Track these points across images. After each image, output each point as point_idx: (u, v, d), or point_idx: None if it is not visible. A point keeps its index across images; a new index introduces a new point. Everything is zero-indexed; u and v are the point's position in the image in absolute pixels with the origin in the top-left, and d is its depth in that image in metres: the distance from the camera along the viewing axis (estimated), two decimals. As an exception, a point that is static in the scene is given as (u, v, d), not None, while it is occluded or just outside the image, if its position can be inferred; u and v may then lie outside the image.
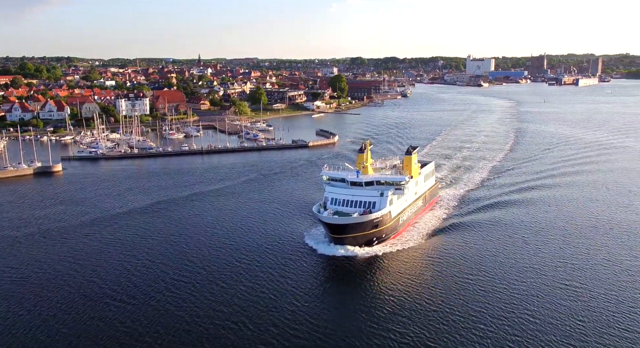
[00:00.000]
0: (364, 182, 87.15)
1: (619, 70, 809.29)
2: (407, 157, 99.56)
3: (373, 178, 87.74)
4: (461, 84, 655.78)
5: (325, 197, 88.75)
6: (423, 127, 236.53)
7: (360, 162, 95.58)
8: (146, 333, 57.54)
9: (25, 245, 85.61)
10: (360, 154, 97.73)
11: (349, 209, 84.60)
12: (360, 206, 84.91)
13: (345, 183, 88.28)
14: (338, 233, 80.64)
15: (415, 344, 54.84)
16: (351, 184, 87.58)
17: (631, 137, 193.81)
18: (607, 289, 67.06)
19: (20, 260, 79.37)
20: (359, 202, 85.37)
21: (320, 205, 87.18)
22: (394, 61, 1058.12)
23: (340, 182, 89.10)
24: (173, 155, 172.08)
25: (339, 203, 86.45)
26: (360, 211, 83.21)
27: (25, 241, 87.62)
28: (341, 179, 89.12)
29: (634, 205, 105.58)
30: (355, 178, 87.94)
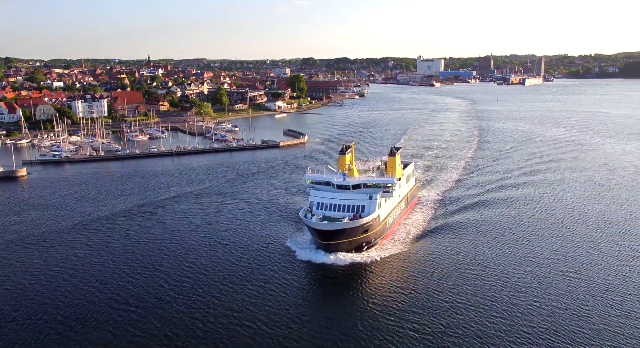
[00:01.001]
0: (351, 185, 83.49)
1: (561, 70, 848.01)
2: (391, 159, 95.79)
3: (360, 181, 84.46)
4: (414, 83, 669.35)
5: (311, 202, 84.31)
6: (387, 126, 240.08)
7: (342, 164, 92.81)
8: (164, 338, 56.16)
9: (9, 253, 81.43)
10: (342, 156, 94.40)
11: (337, 214, 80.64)
12: (348, 210, 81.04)
13: (330, 187, 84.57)
14: (327, 240, 76.42)
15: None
16: (337, 187, 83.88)
17: (589, 134, 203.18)
18: (601, 275, 70.45)
19: (9, 268, 75.44)
20: (347, 206, 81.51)
21: (306, 210, 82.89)
22: (345, 62, 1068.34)
23: (325, 186, 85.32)
24: (142, 157, 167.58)
25: (325, 207, 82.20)
26: (350, 215, 79.34)
27: (8, 248, 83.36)
28: (326, 182, 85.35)
29: (602, 196, 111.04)
30: (341, 181, 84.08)
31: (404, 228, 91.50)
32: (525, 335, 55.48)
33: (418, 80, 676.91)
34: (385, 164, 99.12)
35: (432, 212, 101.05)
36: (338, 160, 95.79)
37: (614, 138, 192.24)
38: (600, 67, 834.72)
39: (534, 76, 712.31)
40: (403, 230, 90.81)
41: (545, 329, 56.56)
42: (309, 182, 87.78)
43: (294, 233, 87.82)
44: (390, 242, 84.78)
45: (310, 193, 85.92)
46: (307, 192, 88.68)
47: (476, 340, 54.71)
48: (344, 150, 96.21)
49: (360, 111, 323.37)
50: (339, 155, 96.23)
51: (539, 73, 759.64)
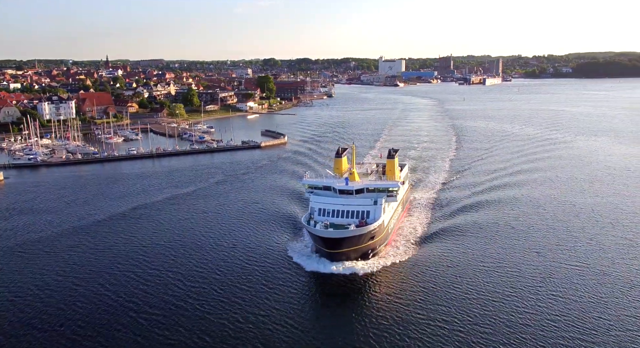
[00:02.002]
0: (355, 190, 79.60)
1: (517, 71, 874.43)
2: (389, 161, 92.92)
3: (363, 186, 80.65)
4: (378, 84, 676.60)
5: (312, 208, 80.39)
6: (363, 126, 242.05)
7: (339, 167, 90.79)
8: (198, 340, 55.40)
9: (7, 260, 78.38)
10: (338, 159, 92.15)
11: (341, 220, 77.01)
12: (353, 216, 77.32)
13: (331, 192, 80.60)
14: (334, 248, 72.47)
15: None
16: (339, 192, 79.91)
17: (559, 132, 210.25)
18: (604, 264, 73.59)
19: (14, 276, 72.72)
20: (352, 211, 77.76)
21: (310, 217, 78.98)
22: (307, 62, 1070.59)
23: (325, 190, 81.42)
24: (122, 160, 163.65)
25: (328, 214, 78.31)
26: (356, 222, 75.66)
27: (5, 256, 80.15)
28: (326, 187, 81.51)
29: (586, 190, 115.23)
30: (344, 186, 80.00)
31: (403, 233, 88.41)
32: (551, 334, 57.17)
33: (382, 81, 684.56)
34: (382, 166, 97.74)
35: (428, 215, 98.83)
36: (334, 163, 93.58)
37: (583, 135, 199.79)
38: (554, 68, 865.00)
39: (493, 76, 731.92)
40: (403, 235, 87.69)
41: (569, 324, 58.44)
42: (307, 187, 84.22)
43: (292, 240, 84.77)
44: (392, 248, 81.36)
45: (310, 198, 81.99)
46: (306, 197, 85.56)
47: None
48: (339, 152, 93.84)
49: (332, 111, 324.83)
50: (334, 158, 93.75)
51: (498, 73, 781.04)
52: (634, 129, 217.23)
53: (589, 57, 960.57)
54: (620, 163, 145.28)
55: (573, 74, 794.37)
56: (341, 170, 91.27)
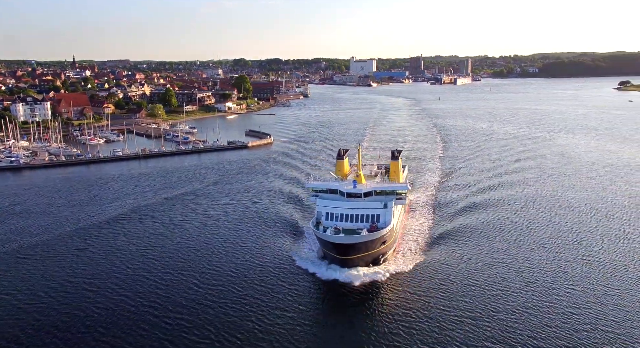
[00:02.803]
0: (363, 193, 77.01)
1: (486, 70, 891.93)
2: (393, 163, 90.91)
3: (372, 188, 78.11)
4: (351, 84, 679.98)
5: (319, 212, 77.11)
6: (345, 125, 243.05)
7: (341, 169, 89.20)
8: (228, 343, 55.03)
9: (12, 265, 76.18)
10: (340, 161, 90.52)
11: (351, 224, 74.16)
12: (363, 220, 74.53)
13: (338, 195, 77.95)
14: (346, 254, 69.51)
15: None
16: (347, 196, 77.21)
17: (539, 130, 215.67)
18: (607, 255, 76.34)
19: (24, 282, 70.71)
20: (361, 215, 74.87)
21: (315, 221, 75.85)
22: (278, 62, 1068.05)
23: (332, 194, 78.66)
24: (108, 161, 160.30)
25: (336, 218, 75.28)
26: (367, 226, 72.92)
27: (9, 261, 77.84)
28: (333, 190, 78.76)
29: (576, 186, 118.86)
30: (351, 189, 77.40)
31: (408, 237, 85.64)
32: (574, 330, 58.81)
33: (355, 81, 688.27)
34: (385, 168, 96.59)
35: (428, 216, 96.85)
36: (336, 165, 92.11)
37: (561, 133, 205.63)
38: (521, 68, 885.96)
39: (464, 76, 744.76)
40: (408, 238, 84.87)
41: (590, 313, 60.46)
42: (312, 191, 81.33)
43: (296, 244, 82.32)
44: (402, 252, 78.62)
45: (317, 202, 78.84)
46: (311, 201, 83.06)
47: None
48: (341, 154, 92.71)
49: (310, 111, 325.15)
50: (336, 160, 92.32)
51: (467, 73, 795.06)
52: (607, 126, 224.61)
53: (553, 57, 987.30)
54: (602, 159, 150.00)
55: (539, 74, 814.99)
56: (343, 173, 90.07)
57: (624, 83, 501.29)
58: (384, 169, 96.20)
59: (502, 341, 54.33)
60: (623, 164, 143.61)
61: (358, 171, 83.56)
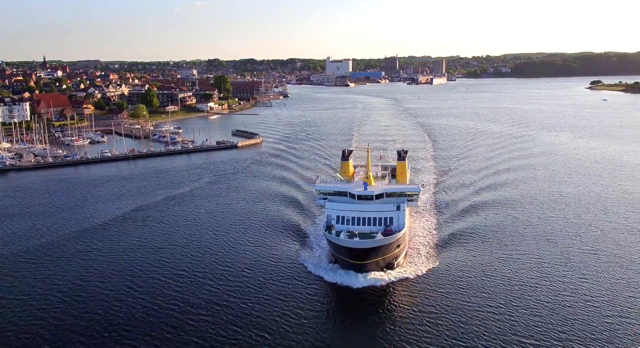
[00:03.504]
0: (375, 195, 74.96)
1: (460, 71, 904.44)
2: (400, 163, 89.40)
3: (383, 190, 75.97)
4: (329, 84, 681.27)
5: (328, 215, 74.88)
6: (331, 125, 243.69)
7: (346, 170, 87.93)
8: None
9: (23, 267, 74.39)
10: (345, 162, 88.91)
11: (363, 228, 71.96)
12: (376, 223, 72.49)
13: (348, 198, 75.75)
14: (361, 259, 66.92)
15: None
16: (358, 198, 75.02)
17: (523, 128, 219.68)
18: (610, 246, 78.80)
19: (35, 284, 69.11)
20: (374, 218, 72.94)
21: (329, 225, 73.39)
22: (252, 63, 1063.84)
23: (341, 196, 76.37)
24: (97, 162, 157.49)
25: (347, 221, 73.08)
26: (381, 229, 70.84)
27: (16, 263, 75.95)
28: (342, 193, 76.56)
29: (567, 181, 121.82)
30: (362, 191, 75.32)
31: (418, 239, 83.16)
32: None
33: (333, 81, 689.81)
34: (391, 168, 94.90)
35: (431, 217, 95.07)
36: (341, 166, 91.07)
37: (545, 131, 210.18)
38: (494, 68, 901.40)
39: (439, 76, 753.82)
40: (416, 240, 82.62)
41: (607, 304, 62.29)
42: (319, 193, 79.01)
43: (303, 248, 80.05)
44: (413, 255, 76.34)
45: (326, 205, 76.52)
46: (319, 204, 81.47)
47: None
48: (345, 155, 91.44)
49: (292, 111, 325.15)
50: (341, 161, 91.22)
51: (443, 73, 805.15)
52: (587, 124, 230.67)
53: (524, 58, 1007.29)
54: (588, 156, 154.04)
55: (512, 74, 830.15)
56: (348, 174, 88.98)
57: (595, 82, 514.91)
58: (389, 170, 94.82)
59: (533, 334, 55.31)
60: (608, 160, 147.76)
61: (367, 172, 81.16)
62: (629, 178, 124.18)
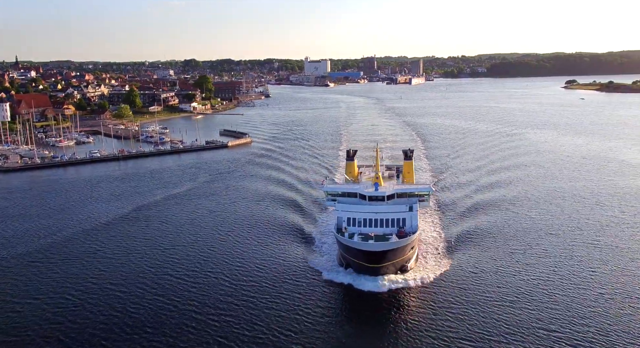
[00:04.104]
0: (386, 196, 73.06)
1: (437, 71, 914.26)
2: (407, 163, 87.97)
3: (394, 191, 74.11)
4: (309, 84, 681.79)
5: (339, 217, 72.86)
6: (318, 124, 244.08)
7: (351, 171, 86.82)
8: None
9: (29, 269, 73.04)
10: (350, 162, 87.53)
11: (376, 230, 70.32)
12: (388, 225, 71.03)
13: (358, 199, 73.99)
14: (377, 262, 64.83)
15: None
16: (369, 199, 73.23)
17: (507, 126, 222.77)
18: (613, 238, 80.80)
19: (47, 286, 67.94)
20: (386, 220, 71.33)
21: (339, 228, 71.28)
22: (230, 63, 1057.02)
23: (351, 198, 74.58)
24: (85, 163, 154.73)
25: (359, 223, 71.31)
26: (394, 231, 69.53)
27: (23, 264, 74.48)
28: (352, 194, 74.78)
29: (559, 177, 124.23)
30: (373, 191, 73.63)
31: (426, 241, 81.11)
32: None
33: (312, 81, 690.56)
34: (396, 168, 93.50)
35: (433, 218, 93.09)
36: (346, 167, 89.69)
37: (529, 128, 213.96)
38: (471, 68, 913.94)
39: (418, 76, 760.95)
40: (425, 242, 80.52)
41: (620, 292, 64.18)
42: (328, 195, 77.15)
43: (310, 250, 78.09)
44: (424, 257, 74.48)
45: (336, 207, 74.73)
46: (327, 205, 79.64)
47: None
48: (351, 155, 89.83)
49: (276, 111, 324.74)
50: (346, 161, 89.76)
51: (421, 74, 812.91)
52: (569, 122, 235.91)
53: (499, 58, 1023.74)
54: (575, 152, 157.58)
55: (488, 74, 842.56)
56: (354, 174, 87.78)
57: (571, 82, 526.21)
58: (394, 170, 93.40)
59: (554, 329, 56.35)
60: (594, 156, 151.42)
61: (377, 173, 78.91)
62: (617, 174, 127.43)
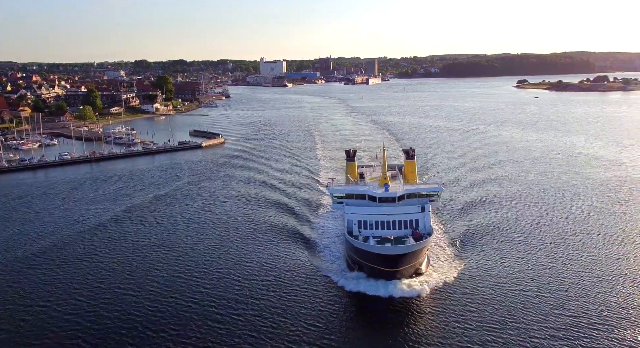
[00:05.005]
0: (397, 197, 71.32)
1: (392, 71, 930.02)
2: (409, 162, 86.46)
3: (405, 191, 72.62)
4: (266, 84, 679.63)
5: (349, 220, 70.27)
6: (286, 124, 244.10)
7: (352, 171, 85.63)
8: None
9: (26, 275, 70.21)
10: (351, 163, 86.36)
11: (389, 232, 68.43)
12: (401, 227, 69.05)
13: (367, 201, 71.99)
14: (395, 266, 61.96)
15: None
16: (379, 200, 71.30)
17: (473, 124, 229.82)
18: (616, 229, 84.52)
19: (49, 292, 65.61)
20: (398, 222, 69.29)
21: (350, 231, 68.69)
22: (182, 64, 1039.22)
23: (359, 199, 72.39)
24: (56, 166, 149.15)
25: (370, 226, 69.06)
26: (408, 232, 67.75)
27: (19, 271, 71.60)
28: (361, 195, 72.65)
29: (534, 171, 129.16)
30: (383, 193, 71.70)
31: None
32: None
33: (270, 81, 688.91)
34: (399, 168, 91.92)
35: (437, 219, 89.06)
36: (346, 167, 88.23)
37: (494, 126, 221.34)
38: (424, 68, 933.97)
39: (374, 77, 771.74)
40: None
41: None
42: (335, 197, 74.75)
43: (314, 255, 75.19)
44: (435, 259, 71.82)
45: (345, 210, 72.08)
46: (335, 208, 77.63)
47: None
48: (351, 155, 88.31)
49: (240, 111, 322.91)
50: (347, 162, 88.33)
51: (377, 74, 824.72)
52: (529, 119, 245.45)
53: (450, 59, 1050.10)
54: (542, 147, 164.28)
55: (441, 74, 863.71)
56: (355, 175, 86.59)
57: (522, 82, 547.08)
58: (397, 169, 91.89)
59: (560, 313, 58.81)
60: (561, 150, 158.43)
61: (384, 172, 76.84)
62: (586, 167, 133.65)
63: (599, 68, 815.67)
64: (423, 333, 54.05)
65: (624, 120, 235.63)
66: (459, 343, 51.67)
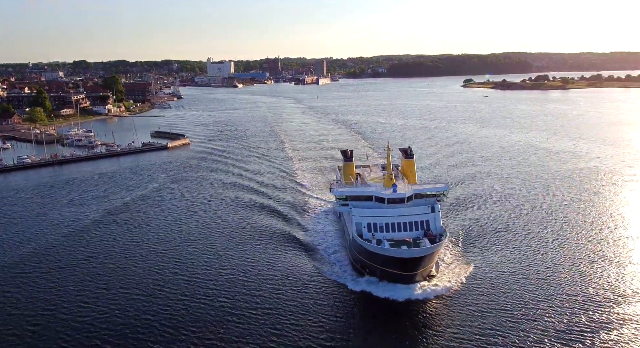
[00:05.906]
0: (406, 197, 69.50)
1: (340, 72, 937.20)
2: (408, 161, 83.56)
3: (413, 191, 70.67)
4: (215, 85, 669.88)
5: (357, 223, 67.72)
6: (247, 124, 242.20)
7: (350, 172, 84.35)
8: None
9: (22, 281, 67.30)
10: (348, 163, 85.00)
11: (400, 234, 66.73)
12: (412, 228, 67.37)
13: (374, 202, 69.89)
14: (412, 270, 60.44)
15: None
16: (388, 202, 69.37)
17: (432, 121, 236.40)
18: (615, 220, 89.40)
19: (53, 296, 63.32)
20: (409, 223, 67.62)
21: (360, 234, 66.24)
22: (124, 64, 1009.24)
23: (365, 201, 70.26)
24: (16, 170, 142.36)
25: (380, 228, 66.94)
26: (420, 234, 66.41)
27: (13, 275, 68.48)
28: (368, 197, 70.63)
29: (501, 164, 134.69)
30: (392, 193, 69.78)
31: None
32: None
33: (219, 82, 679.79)
34: (397, 167, 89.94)
35: None
36: (344, 168, 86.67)
37: (453, 123, 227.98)
38: (372, 69, 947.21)
39: (324, 77, 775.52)
40: None
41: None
42: (339, 199, 72.13)
43: (316, 259, 73.18)
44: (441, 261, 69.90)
45: (352, 212, 69.45)
46: (340, 211, 75.42)
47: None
48: (349, 155, 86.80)
49: (195, 112, 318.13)
50: (344, 162, 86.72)
51: (325, 74, 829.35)
52: (482, 117, 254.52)
53: (395, 59, 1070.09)
54: (502, 143, 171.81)
55: (388, 74, 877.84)
56: (353, 175, 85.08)
57: (468, 81, 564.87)
58: (394, 169, 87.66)
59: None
60: (520, 145, 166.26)
61: (390, 173, 74.89)
62: (548, 160, 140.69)
63: (536, 68, 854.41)
64: (436, 335, 53.08)
65: (570, 116, 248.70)
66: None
